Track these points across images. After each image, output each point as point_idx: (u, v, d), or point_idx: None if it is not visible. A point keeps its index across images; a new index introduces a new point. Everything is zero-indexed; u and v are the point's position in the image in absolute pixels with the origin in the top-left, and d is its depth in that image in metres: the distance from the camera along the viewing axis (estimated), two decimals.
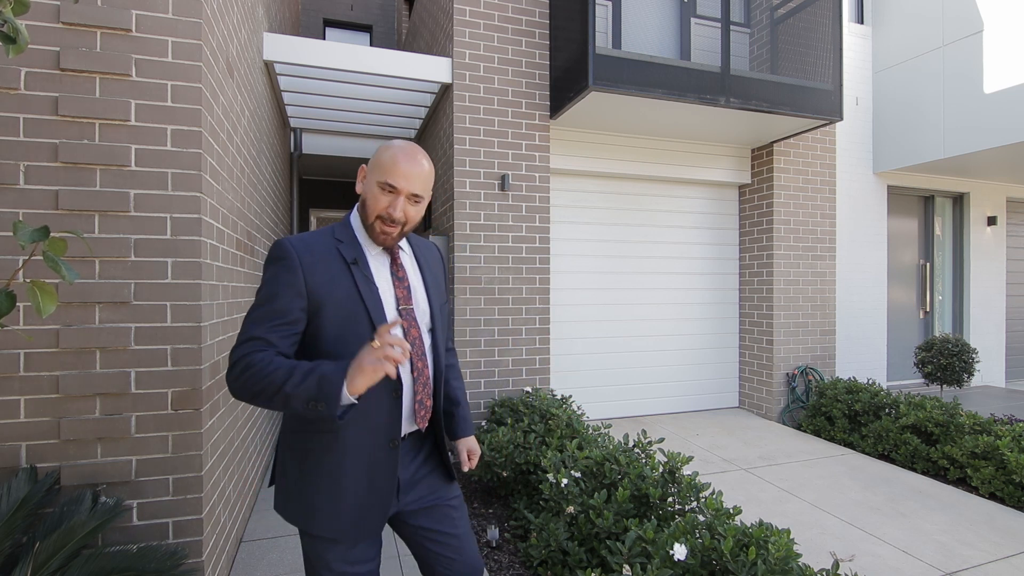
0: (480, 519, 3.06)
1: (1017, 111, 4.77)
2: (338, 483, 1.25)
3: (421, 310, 1.37)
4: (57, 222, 1.83)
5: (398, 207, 1.24)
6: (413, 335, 1.31)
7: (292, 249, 1.23)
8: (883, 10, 6.03)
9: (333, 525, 1.25)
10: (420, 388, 1.32)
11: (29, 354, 1.81)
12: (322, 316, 1.23)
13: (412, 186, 1.25)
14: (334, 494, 1.25)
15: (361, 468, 1.25)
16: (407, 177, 1.24)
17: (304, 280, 1.21)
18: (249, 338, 1.19)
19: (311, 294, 1.22)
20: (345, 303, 1.23)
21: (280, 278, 1.21)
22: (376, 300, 1.26)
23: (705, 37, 4.29)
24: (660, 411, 5.22)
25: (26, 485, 1.70)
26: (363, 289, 1.25)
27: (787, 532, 1.89)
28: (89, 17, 1.87)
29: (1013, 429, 3.54)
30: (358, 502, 1.25)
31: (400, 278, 1.34)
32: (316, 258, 1.24)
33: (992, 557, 2.64)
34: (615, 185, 5.04)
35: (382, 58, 4.10)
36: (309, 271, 1.22)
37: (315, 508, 1.26)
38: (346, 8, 9.89)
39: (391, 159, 1.25)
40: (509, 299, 4.19)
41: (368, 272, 1.28)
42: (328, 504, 1.25)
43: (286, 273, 1.21)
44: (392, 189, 1.24)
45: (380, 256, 1.34)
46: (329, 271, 1.24)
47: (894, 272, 6.33)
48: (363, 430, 1.25)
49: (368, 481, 1.26)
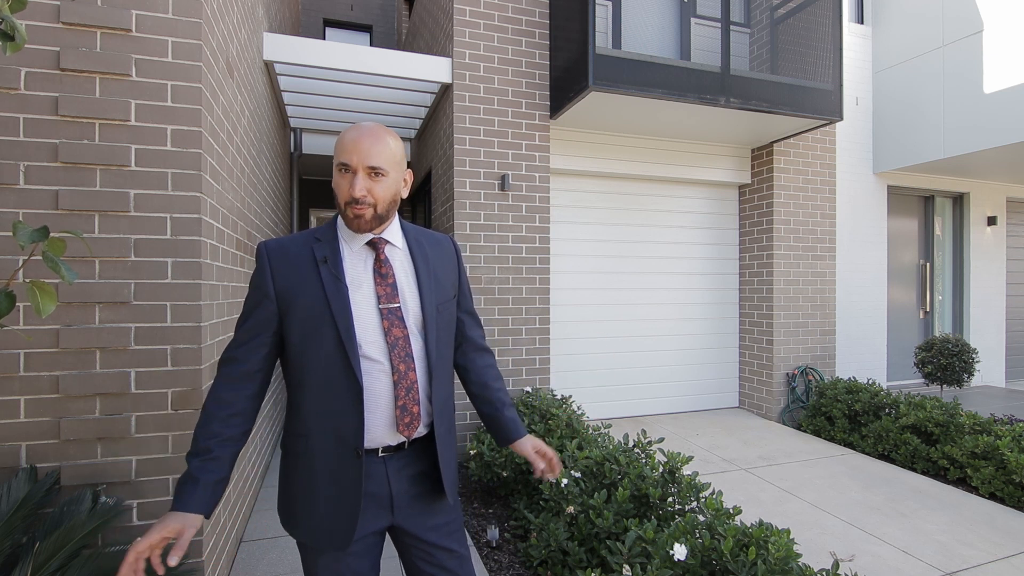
0: (480, 519, 3.06)
1: (1017, 111, 4.77)
2: (312, 489, 1.23)
3: (410, 309, 1.27)
4: (57, 222, 1.83)
5: (357, 185, 1.17)
6: (396, 335, 1.23)
7: (264, 252, 1.24)
8: (883, 10, 6.03)
9: (310, 533, 1.23)
10: (403, 393, 1.22)
11: (29, 354, 1.81)
12: (288, 320, 1.22)
13: (365, 159, 1.17)
14: (309, 500, 1.23)
15: (330, 475, 1.21)
16: (357, 151, 1.17)
17: (272, 283, 1.21)
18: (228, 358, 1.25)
19: (279, 298, 1.21)
20: (311, 306, 1.19)
21: (253, 282, 1.24)
22: (343, 300, 1.20)
23: (705, 37, 4.29)
24: (660, 411, 5.22)
25: (26, 485, 1.70)
26: (329, 289, 1.20)
27: (787, 532, 1.88)
28: (89, 17, 1.87)
29: (1013, 429, 3.54)
30: (329, 510, 1.22)
31: (383, 275, 1.26)
32: (288, 260, 1.23)
33: (992, 557, 2.64)
34: (615, 185, 5.04)
35: (382, 58, 4.10)
36: (278, 273, 1.22)
37: (296, 514, 1.26)
38: (346, 8, 9.88)
39: (341, 139, 1.21)
40: (509, 299, 4.19)
41: (339, 271, 1.22)
42: (304, 511, 1.24)
43: (258, 277, 1.23)
44: (345, 167, 1.18)
45: (363, 252, 1.27)
46: (299, 273, 1.22)
47: (894, 272, 6.33)
48: (329, 437, 1.21)
49: (336, 489, 1.21)
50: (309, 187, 7.72)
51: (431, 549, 1.31)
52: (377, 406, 1.21)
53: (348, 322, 1.19)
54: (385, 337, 1.22)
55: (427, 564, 1.32)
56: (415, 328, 1.28)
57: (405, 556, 1.35)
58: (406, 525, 1.29)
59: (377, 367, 1.21)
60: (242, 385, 1.23)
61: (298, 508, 1.25)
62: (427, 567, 1.32)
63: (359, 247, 1.27)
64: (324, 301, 1.19)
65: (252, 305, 1.24)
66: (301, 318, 1.20)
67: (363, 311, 1.22)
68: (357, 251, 1.27)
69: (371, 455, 1.24)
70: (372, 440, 1.23)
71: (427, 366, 1.29)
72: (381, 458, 1.25)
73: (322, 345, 1.19)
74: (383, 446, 1.24)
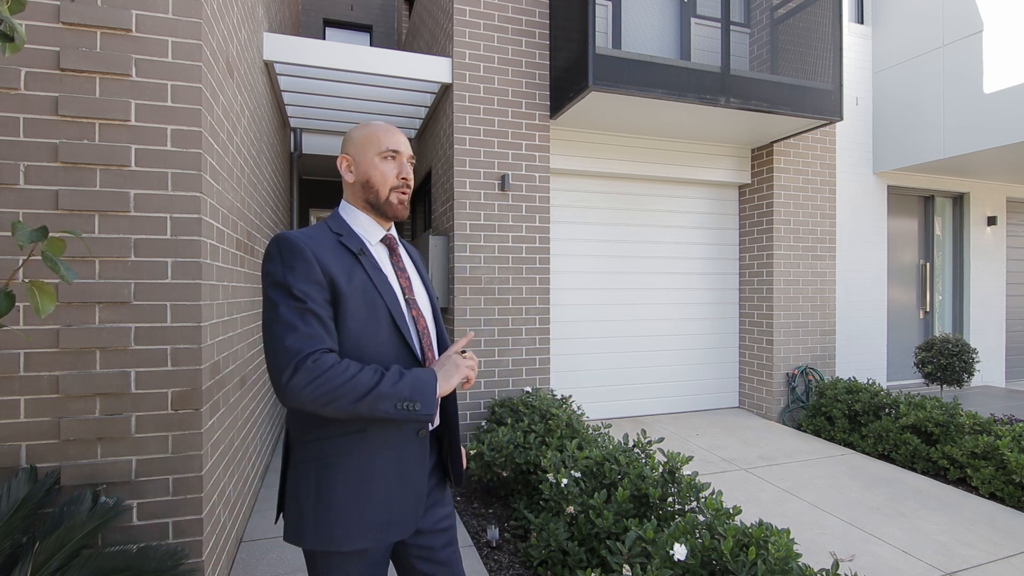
0: (480, 519, 3.06)
1: (1017, 111, 4.77)
2: (366, 484, 1.18)
3: (423, 301, 1.35)
4: (57, 222, 1.83)
5: (406, 168, 1.29)
6: (422, 325, 1.29)
7: (301, 243, 1.15)
8: (883, 10, 6.03)
9: (363, 532, 1.17)
10: None
11: (29, 354, 1.81)
12: (343, 309, 1.16)
13: (407, 148, 1.31)
14: (362, 497, 1.17)
15: (391, 464, 1.20)
16: (400, 141, 1.30)
17: (322, 271, 1.15)
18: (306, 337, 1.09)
19: (332, 286, 1.16)
20: (363, 294, 1.19)
21: (299, 273, 1.12)
22: (390, 289, 1.24)
23: (705, 37, 4.29)
24: (660, 411, 5.22)
25: (26, 485, 1.70)
26: (375, 278, 1.22)
27: (787, 532, 1.88)
28: (89, 17, 1.87)
29: (1013, 429, 3.54)
30: (390, 500, 1.19)
31: (401, 268, 1.33)
32: (326, 251, 1.18)
33: (992, 557, 2.64)
34: (615, 185, 5.04)
35: (382, 58, 4.10)
36: (324, 262, 1.15)
37: (341, 520, 1.16)
38: (346, 8, 9.88)
39: (377, 131, 1.29)
40: (509, 299, 4.19)
41: (375, 261, 1.26)
42: (356, 511, 1.17)
43: (303, 267, 1.13)
44: (395, 153, 1.28)
45: (379, 247, 1.32)
46: (340, 263, 1.19)
47: (894, 272, 6.33)
48: (390, 423, 1.20)
49: (399, 477, 1.21)
50: (309, 187, 7.72)
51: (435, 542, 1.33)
52: None
53: (399, 308, 1.24)
54: (415, 325, 1.28)
55: (426, 563, 1.31)
56: (429, 318, 1.35)
57: (402, 558, 1.34)
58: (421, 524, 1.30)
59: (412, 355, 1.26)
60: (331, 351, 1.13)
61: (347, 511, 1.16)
62: (425, 565, 1.31)
63: (376, 244, 1.31)
64: (375, 291, 1.21)
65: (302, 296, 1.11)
66: (357, 307, 1.18)
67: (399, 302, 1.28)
68: (375, 246, 1.31)
69: None
70: None
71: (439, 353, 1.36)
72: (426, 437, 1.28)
73: (380, 332, 1.20)
74: None
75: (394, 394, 1.10)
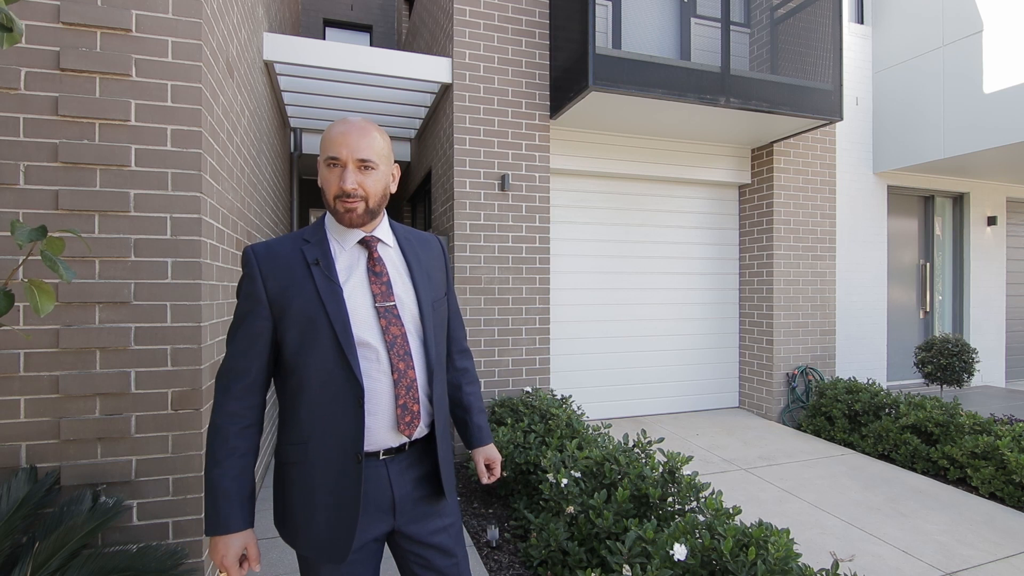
0: (480, 519, 3.06)
1: (1017, 111, 4.77)
2: (310, 498, 1.19)
3: (406, 307, 1.27)
4: (57, 222, 1.83)
5: (348, 178, 1.16)
6: (394, 333, 1.22)
7: (252, 257, 1.20)
8: (883, 10, 6.03)
9: (309, 545, 1.20)
10: (403, 392, 1.21)
11: (29, 354, 1.81)
12: (283, 325, 1.19)
13: (355, 151, 1.16)
14: (308, 510, 1.20)
15: (329, 483, 1.18)
16: (346, 144, 1.16)
17: (264, 288, 1.19)
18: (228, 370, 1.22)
19: (272, 303, 1.19)
20: (305, 309, 1.17)
21: (243, 290, 1.22)
22: (338, 301, 1.18)
23: (705, 37, 4.29)
24: (660, 411, 5.22)
25: (26, 485, 1.70)
26: (323, 290, 1.18)
27: (787, 532, 1.88)
28: (89, 17, 1.87)
29: (1013, 429, 3.54)
30: (329, 521, 1.18)
31: (377, 273, 1.25)
32: (278, 263, 1.20)
33: (992, 557, 2.64)
34: (615, 185, 5.04)
35: (382, 58, 4.10)
36: (269, 278, 1.19)
37: (294, 525, 1.22)
38: (346, 8, 9.89)
39: (328, 135, 1.20)
40: (509, 299, 4.19)
41: (332, 272, 1.21)
42: (302, 522, 1.20)
43: (248, 284, 1.20)
44: (335, 161, 1.17)
45: (356, 251, 1.26)
46: (291, 276, 1.19)
47: (894, 272, 6.33)
48: (329, 442, 1.18)
49: (335, 497, 1.18)
50: (309, 187, 7.72)
51: (430, 554, 1.29)
52: (378, 406, 1.20)
53: (345, 323, 1.17)
54: (383, 336, 1.21)
55: (425, 570, 1.30)
56: (412, 326, 1.27)
57: (402, 562, 1.33)
58: (409, 530, 1.27)
59: (376, 367, 1.20)
60: (248, 396, 1.21)
61: (296, 519, 1.22)
62: (424, 573, 1.30)
63: (351, 246, 1.26)
64: (319, 303, 1.17)
65: (244, 313, 1.21)
66: (297, 322, 1.18)
67: (359, 311, 1.21)
68: (349, 250, 1.25)
69: (372, 459, 1.22)
70: (373, 442, 1.21)
71: (426, 364, 1.28)
72: (382, 461, 1.23)
73: (320, 348, 1.17)
74: (384, 448, 1.23)
75: (207, 494, 1.18)
